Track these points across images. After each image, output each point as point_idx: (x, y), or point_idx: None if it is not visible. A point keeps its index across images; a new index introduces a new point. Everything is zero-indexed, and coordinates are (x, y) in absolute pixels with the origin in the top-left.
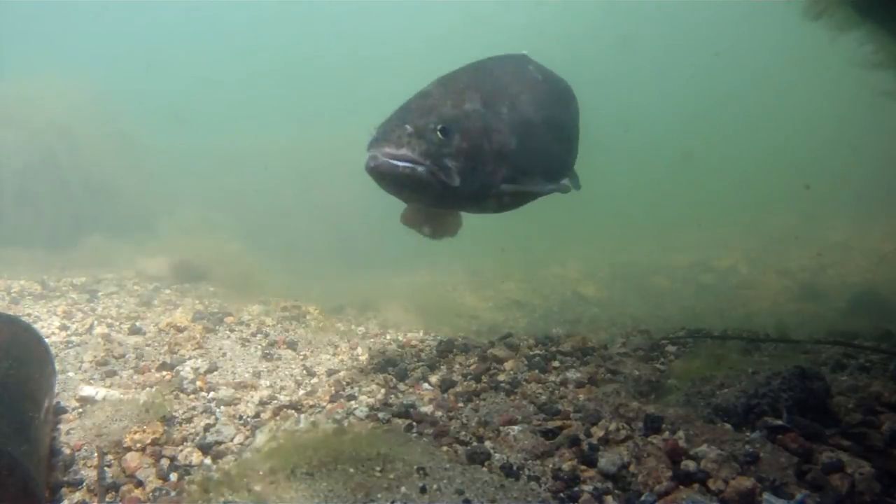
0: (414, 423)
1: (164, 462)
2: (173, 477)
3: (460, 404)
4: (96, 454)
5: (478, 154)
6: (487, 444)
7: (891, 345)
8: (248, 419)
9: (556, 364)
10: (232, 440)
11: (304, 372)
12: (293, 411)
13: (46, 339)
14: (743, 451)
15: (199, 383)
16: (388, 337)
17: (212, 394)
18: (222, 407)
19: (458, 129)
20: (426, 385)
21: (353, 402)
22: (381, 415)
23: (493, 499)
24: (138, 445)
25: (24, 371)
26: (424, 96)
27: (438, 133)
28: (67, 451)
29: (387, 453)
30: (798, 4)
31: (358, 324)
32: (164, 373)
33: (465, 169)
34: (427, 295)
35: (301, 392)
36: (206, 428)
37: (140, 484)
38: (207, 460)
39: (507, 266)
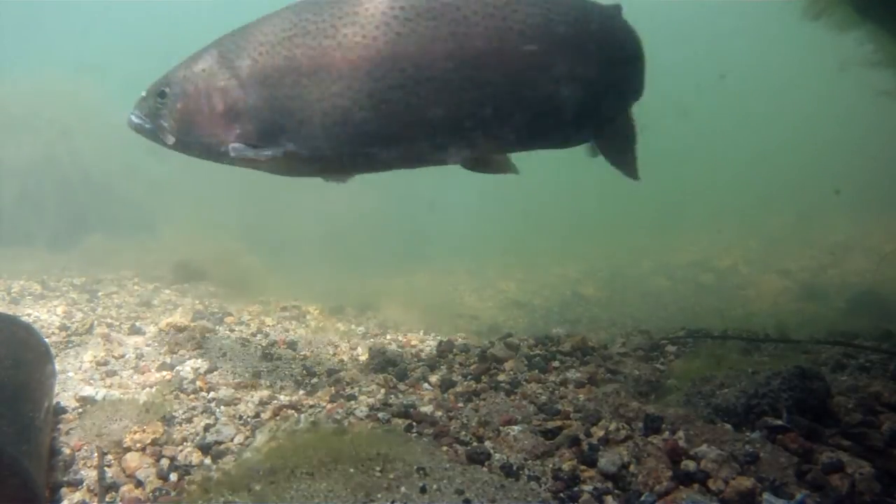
0: (414, 423)
1: (164, 462)
2: (173, 477)
3: (460, 404)
4: (96, 454)
5: (192, 114)
6: (487, 444)
7: (891, 345)
8: (248, 419)
9: (556, 364)
10: (232, 440)
11: (304, 372)
12: (293, 411)
13: (46, 340)
14: (743, 451)
15: (199, 383)
16: (388, 337)
17: (212, 394)
18: (222, 407)
19: (178, 92)
20: (426, 385)
21: (353, 402)
22: (381, 415)
23: (493, 499)
24: (138, 445)
25: (25, 371)
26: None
27: (157, 95)
28: (67, 451)
29: (387, 453)
30: (798, 4)
31: (358, 324)
32: (164, 373)
33: (181, 129)
34: (427, 295)
35: (301, 392)
36: (206, 428)
37: (140, 484)
38: (207, 460)
39: (508, 266)
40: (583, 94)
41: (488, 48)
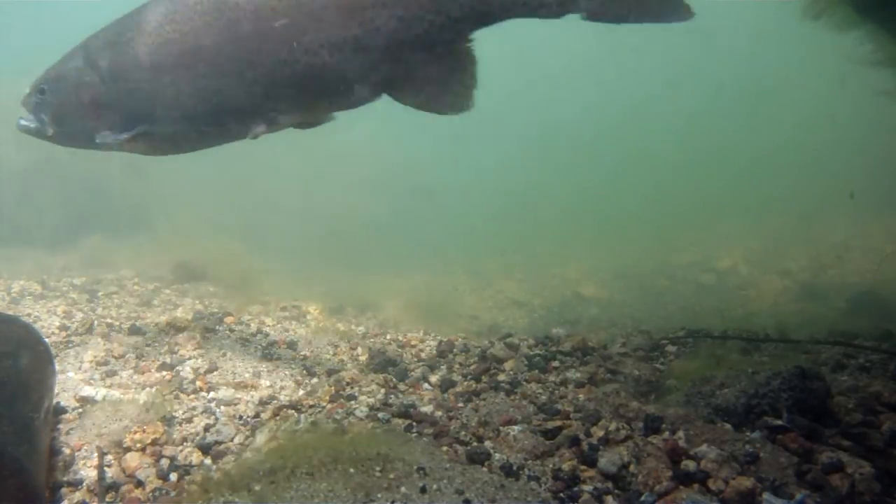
0: (414, 423)
1: (164, 462)
2: (173, 477)
3: (460, 404)
4: (96, 454)
5: (65, 108)
6: (487, 444)
7: (891, 345)
8: (248, 419)
9: (556, 364)
10: (232, 440)
11: (304, 372)
12: (293, 411)
13: (46, 339)
14: (743, 451)
15: (199, 383)
16: (388, 337)
17: (212, 394)
18: (222, 407)
19: (51, 89)
20: (426, 385)
21: (353, 402)
22: (381, 415)
23: (493, 499)
24: (138, 445)
25: (24, 371)
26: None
27: (38, 92)
28: (67, 451)
29: (387, 453)
30: (798, 4)
31: (358, 324)
32: (164, 373)
33: (56, 121)
34: (427, 295)
35: (301, 392)
36: (206, 428)
37: (140, 484)
38: (207, 460)
39: (508, 266)
40: (350, 55)
41: (251, 30)
